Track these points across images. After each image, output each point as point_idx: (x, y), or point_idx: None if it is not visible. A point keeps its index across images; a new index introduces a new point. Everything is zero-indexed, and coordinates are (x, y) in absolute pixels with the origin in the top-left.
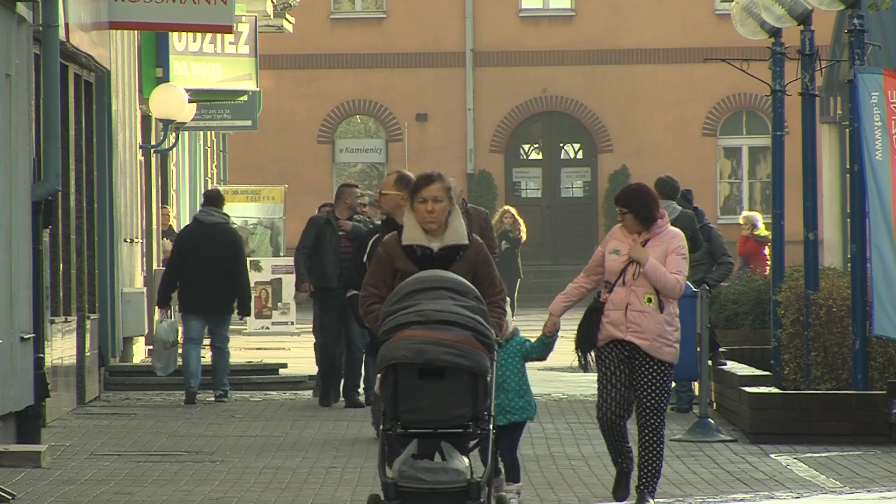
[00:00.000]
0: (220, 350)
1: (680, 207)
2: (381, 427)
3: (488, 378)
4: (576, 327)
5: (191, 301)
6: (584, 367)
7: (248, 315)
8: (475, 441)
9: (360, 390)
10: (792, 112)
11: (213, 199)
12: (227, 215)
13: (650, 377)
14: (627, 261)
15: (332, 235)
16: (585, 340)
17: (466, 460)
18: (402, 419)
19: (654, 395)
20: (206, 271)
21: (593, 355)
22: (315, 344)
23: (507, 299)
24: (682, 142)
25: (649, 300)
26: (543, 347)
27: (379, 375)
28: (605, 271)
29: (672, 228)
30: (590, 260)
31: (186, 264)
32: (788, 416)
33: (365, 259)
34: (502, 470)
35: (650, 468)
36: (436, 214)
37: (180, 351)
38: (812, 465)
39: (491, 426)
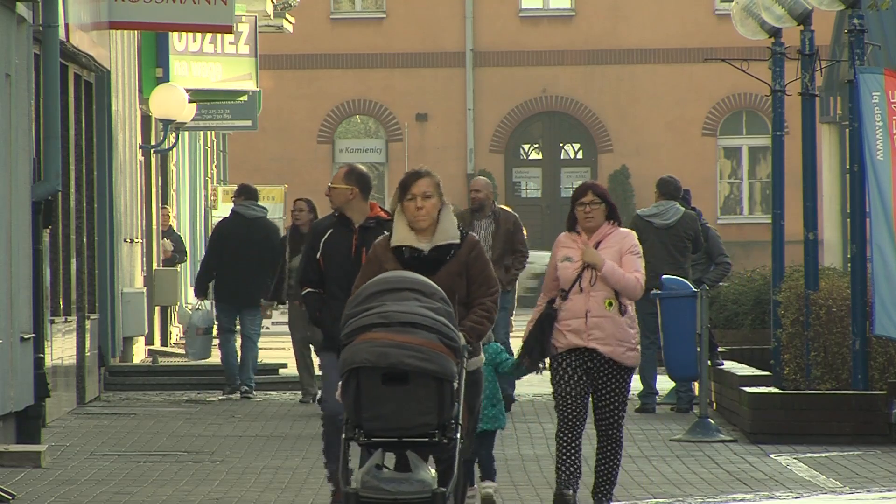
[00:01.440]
0: (249, 341)
1: (683, 208)
2: (343, 436)
3: (455, 384)
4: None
5: (226, 292)
6: (534, 371)
7: (279, 300)
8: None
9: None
10: (792, 112)
11: (252, 193)
12: (265, 208)
13: (612, 383)
14: (582, 267)
15: None
16: (536, 348)
17: (433, 471)
18: (364, 427)
19: (615, 400)
20: (246, 264)
21: (547, 363)
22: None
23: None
24: (682, 142)
25: (609, 304)
26: (519, 372)
27: (340, 381)
28: (560, 280)
29: (622, 228)
30: (545, 276)
31: (226, 256)
32: (788, 416)
33: (318, 256)
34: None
35: (609, 474)
36: (426, 211)
37: (215, 342)
38: (812, 465)
39: (458, 435)
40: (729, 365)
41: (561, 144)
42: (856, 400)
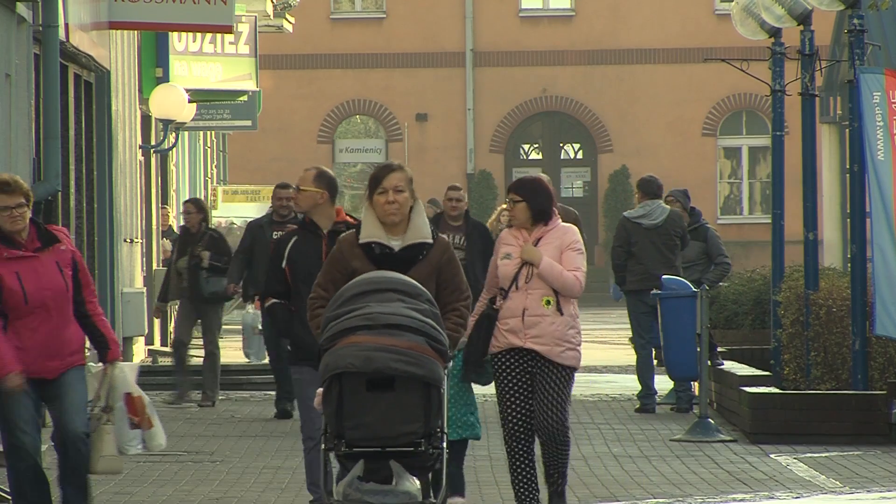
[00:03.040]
0: None
1: (668, 206)
2: (323, 446)
3: (442, 389)
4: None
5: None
6: (479, 375)
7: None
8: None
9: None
10: (792, 112)
11: None
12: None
13: (551, 381)
14: (521, 263)
15: (263, 240)
16: (477, 351)
17: (418, 482)
18: (346, 436)
19: (555, 400)
20: None
21: (491, 365)
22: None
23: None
24: (682, 142)
25: (548, 302)
26: (469, 377)
27: (321, 388)
28: (500, 278)
29: (564, 224)
30: (488, 274)
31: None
32: (788, 416)
33: (284, 265)
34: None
35: (557, 478)
36: (397, 206)
37: None
38: (812, 465)
39: (444, 444)
40: (729, 365)
41: (561, 144)
42: (856, 400)
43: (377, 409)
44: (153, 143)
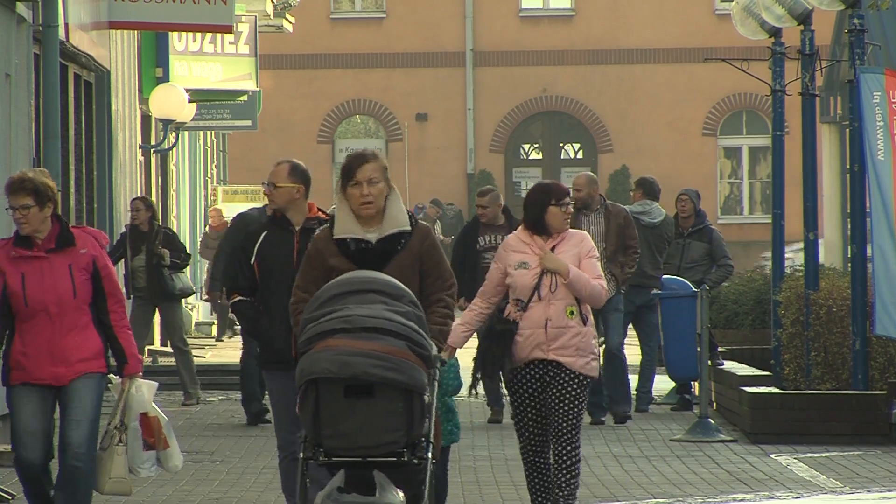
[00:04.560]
0: None
1: (664, 210)
2: (301, 455)
3: (425, 397)
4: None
5: None
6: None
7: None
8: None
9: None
10: (792, 112)
11: None
12: None
13: (570, 393)
14: (540, 273)
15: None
16: (493, 365)
17: (401, 494)
18: (324, 445)
19: (573, 410)
20: None
21: (505, 380)
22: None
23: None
24: (682, 142)
25: (571, 313)
26: (458, 384)
27: (299, 394)
28: (515, 288)
29: (575, 230)
30: (486, 281)
31: None
32: (788, 416)
33: (253, 261)
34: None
35: (571, 485)
36: (372, 198)
37: None
38: (812, 465)
39: (430, 454)
40: (729, 365)
41: (561, 144)
42: (856, 400)
43: (356, 416)
44: (153, 143)
